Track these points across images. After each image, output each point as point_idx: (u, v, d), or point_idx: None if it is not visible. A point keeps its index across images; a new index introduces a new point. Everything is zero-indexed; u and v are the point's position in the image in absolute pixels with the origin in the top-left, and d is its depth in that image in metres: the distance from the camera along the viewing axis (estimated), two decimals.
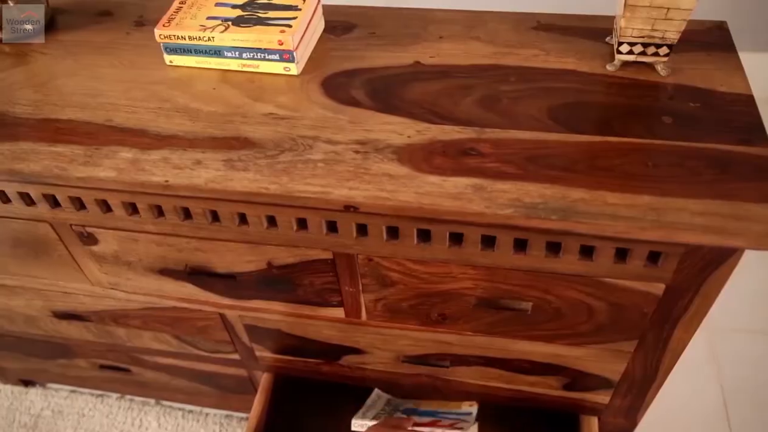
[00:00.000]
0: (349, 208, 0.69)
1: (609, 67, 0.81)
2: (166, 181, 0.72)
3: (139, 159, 0.75)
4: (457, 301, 0.83)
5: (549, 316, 0.81)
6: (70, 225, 0.85)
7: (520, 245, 0.72)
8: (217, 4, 0.87)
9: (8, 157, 0.76)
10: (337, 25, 0.91)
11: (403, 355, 0.96)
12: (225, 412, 1.27)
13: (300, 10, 0.84)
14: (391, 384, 1.03)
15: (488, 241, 0.73)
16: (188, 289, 0.92)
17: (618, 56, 0.80)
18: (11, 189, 0.81)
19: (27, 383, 1.35)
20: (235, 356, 1.06)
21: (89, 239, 0.87)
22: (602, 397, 0.95)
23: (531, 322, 0.83)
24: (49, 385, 1.35)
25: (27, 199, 0.83)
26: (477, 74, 0.82)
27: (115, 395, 1.31)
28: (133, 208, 0.80)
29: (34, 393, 1.32)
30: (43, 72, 0.89)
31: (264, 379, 1.09)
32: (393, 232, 0.75)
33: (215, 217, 0.78)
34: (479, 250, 0.74)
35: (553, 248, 0.72)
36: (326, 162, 0.72)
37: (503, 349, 0.90)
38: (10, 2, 0.94)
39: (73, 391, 1.32)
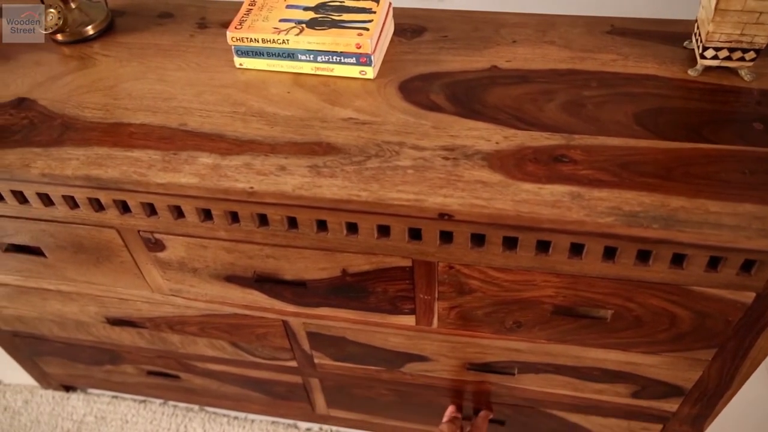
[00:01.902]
0: (444, 216, 0.68)
1: (691, 72, 0.80)
2: (251, 187, 0.70)
3: (220, 165, 0.73)
4: (535, 309, 0.81)
5: (628, 324, 0.80)
6: (138, 231, 0.84)
7: (609, 253, 0.71)
8: (287, 6, 0.85)
9: (84, 163, 0.75)
10: (407, 27, 0.90)
11: (469, 362, 0.94)
12: (271, 419, 1.25)
13: (374, 12, 0.83)
14: (453, 391, 1.02)
15: (576, 249, 0.72)
16: (253, 297, 0.90)
17: (701, 61, 0.78)
18: (81, 195, 0.80)
19: (68, 388, 1.33)
20: (293, 363, 1.04)
21: (156, 245, 0.85)
22: (670, 405, 0.94)
23: (608, 329, 0.82)
24: (90, 390, 1.33)
25: (96, 205, 0.81)
26: (556, 79, 0.81)
27: (158, 401, 1.29)
28: (206, 215, 0.79)
29: (75, 398, 1.30)
30: (109, 75, 0.87)
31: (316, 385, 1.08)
32: (478, 240, 0.73)
33: (293, 224, 0.77)
34: (566, 258, 0.72)
35: (644, 256, 0.70)
36: (416, 168, 0.71)
37: (576, 357, 0.89)
38: (72, 4, 0.92)
39: (115, 397, 1.30)
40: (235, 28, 0.83)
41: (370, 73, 0.81)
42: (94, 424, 1.25)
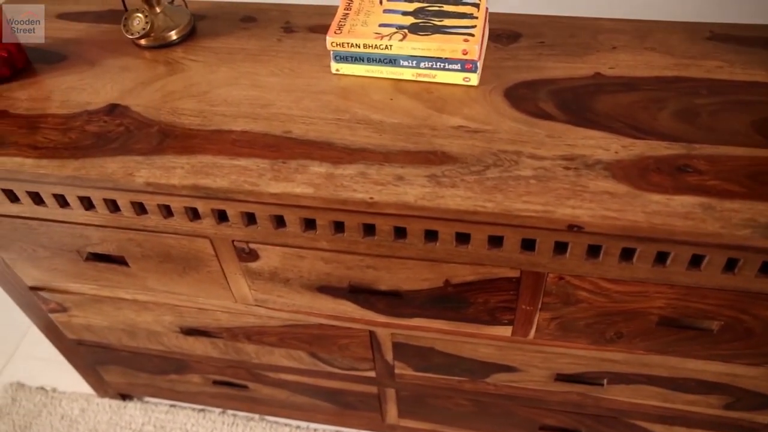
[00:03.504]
0: (573, 227, 0.66)
1: None
2: (371, 198, 0.68)
3: (334, 174, 0.71)
4: (640, 320, 0.80)
5: (737, 335, 0.79)
6: (232, 241, 0.82)
7: (730, 264, 0.70)
8: (385, 11, 0.84)
9: (190, 172, 0.73)
10: (501, 33, 0.88)
11: (558, 373, 0.93)
12: (335, 428, 1.23)
13: (476, 18, 0.81)
14: (534, 401, 1.00)
15: (695, 260, 0.70)
16: (344, 307, 0.88)
17: None
18: (178, 204, 0.78)
19: (124, 397, 1.30)
20: (371, 373, 1.02)
21: (249, 255, 0.83)
22: (764, 417, 0.93)
23: (714, 341, 0.81)
24: (147, 398, 1.31)
25: (191, 214, 0.79)
26: (664, 86, 0.79)
27: (217, 410, 1.27)
28: (308, 225, 0.77)
29: (132, 407, 1.28)
30: (201, 81, 0.85)
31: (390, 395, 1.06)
32: (593, 251, 0.72)
33: (400, 234, 0.75)
34: (684, 270, 0.71)
35: (766, 268, 0.69)
36: (538, 179, 0.69)
37: (673, 368, 0.87)
38: (157, 9, 0.90)
39: (173, 406, 1.28)
40: (335, 32, 0.81)
41: (474, 79, 0.80)
42: None
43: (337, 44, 0.80)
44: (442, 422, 1.13)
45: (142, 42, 0.90)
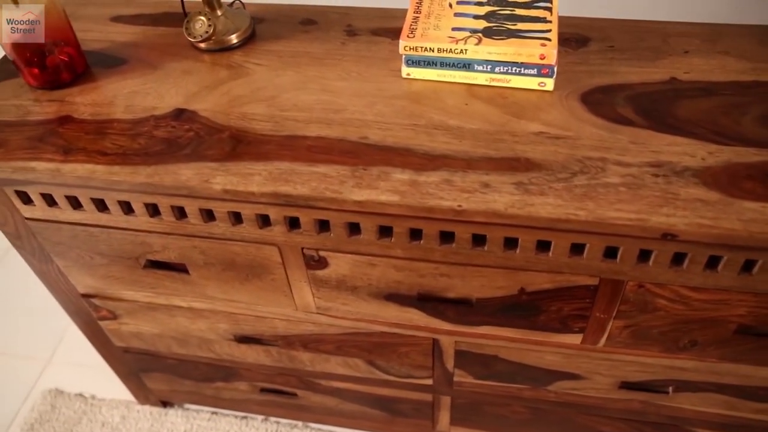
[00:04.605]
0: (667, 236, 0.65)
1: None
2: (459, 206, 0.67)
3: (417, 181, 0.70)
4: (717, 328, 0.79)
5: None
6: (302, 249, 0.80)
7: None
8: (456, 15, 0.82)
9: (268, 179, 0.71)
10: (569, 37, 0.87)
11: (624, 381, 0.92)
12: None
13: (550, 22, 0.80)
14: (595, 408, 0.99)
15: None
16: (411, 315, 0.87)
17: None
18: (249, 211, 0.76)
19: (165, 404, 1.28)
20: (428, 381, 1.01)
21: (318, 263, 0.82)
22: None
23: None
24: (187, 405, 1.29)
25: (261, 221, 0.78)
26: (743, 91, 0.78)
27: (259, 417, 1.25)
28: (383, 232, 0.76)
29: (173, 414, 1.26)
30: (267, 85, 0.83)
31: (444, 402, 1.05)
32: (677, 259, 0.71)
33: (478, 241, 0.74)
34: None
35: None
36: (628, 186, 0.68)
37: (745, 376, 0.86)
38: (218, 12, 0.88)
39: (214, 413, 1.26)
40: (408, 36, 0.79)
41: (550, 84, 0.78)
42: None
43: (410, 48, 0.79)
44: (495, 430, 1.11)
45: (202, 45, 0.89)
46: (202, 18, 0.86)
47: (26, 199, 0.84)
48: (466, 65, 0.79)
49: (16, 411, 1.30)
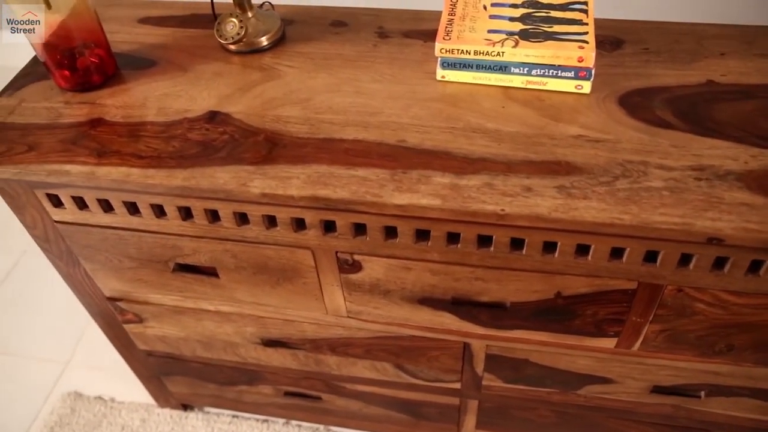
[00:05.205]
0: (713, 240, 0.65)
1: None
2: (502, 210, 0.67)
3: (459, 185, 0.69)
4: (756, 332, 0.78)
5: None
6: (336, 252, 0.80)
7: None
8: (491, 17, 0.82)
9: (307, 182, 0.71)
10: (603, 39, 0.86)
11: (656, 385, 0.91)
12: None
13: (586, 24, 0.80)
14: (624, 412, 0.99)
15: None
16: (443, 319, 0.86)
17: None
18: (284, 214, 0.76)
19: (185, 407, 1.28)
20: (456, 385, 1.00)
21: (352, 267, 0.81)
22: None
23: None
24: (207, 409, 1.28)
25: (296, 225, 0.77)
26: None
27: (281, 421, 1.25)
28: (419, 235, 0.75)
29: (194, 417, 1.25)
30: (301, 87, 0.83)
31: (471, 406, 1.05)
32: (718, 263, 0.70)
33: (516, 245, 0.73)
34: None
35: None
36: (671, 190, 0.67)
37: None
38: (249, 13, 0.88)
39: (235, 416, 1.26)
40: (444, 39, 0.79)
41: (587, 87, 0.78)
42: None
43: (446, 50, 0.78)
44: None
45: (232, 47, 0.88)
46: (234, 20, 0.86)
47: (57, 202, 0.83)
48: (503, 68, 0.79)
49: (35, 414, 1.30)
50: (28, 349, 1.42)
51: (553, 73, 0.78)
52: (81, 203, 0.82)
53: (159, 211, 0.80)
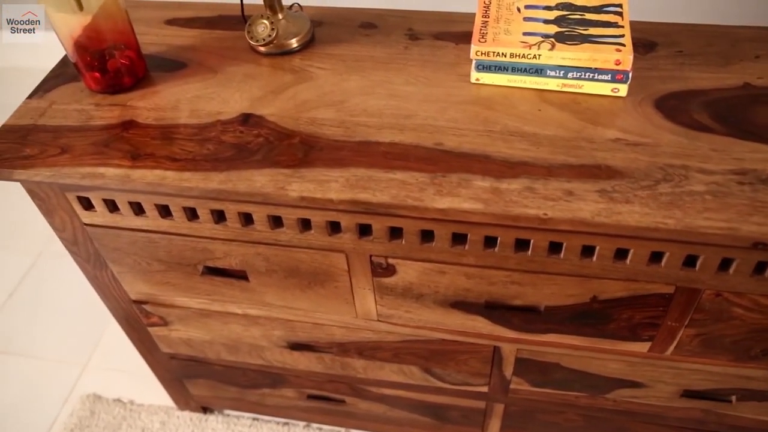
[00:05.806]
0: (758, 245, 0.64)
1: None
2: (545, 214, 0.66)
3: (499, 188, 0.69)
4: None
5: None
6: (370, 256, 0.79)
7: None
8: (525, 19, 0.81)
9: (345, 186, 0.70)
10: (636, 42, 0.85)
11: (686, 389, 0.91)
12: None
13: (622, 27, 0.79)
14: (654, 417, 0.98)
15: None
16: (476, 322, 0.86)
17: None
18: (319, 218, 0.75)
19: (205, 410, 1.27)
20: (483, 389, 1.00)
21: (386, 271, 0.81)
22: None
23: None
24: (227, 412, 1.28)
25: (331, 229, 0.77)
26: None
27: (301, 424, 1.24)
28: (456, 239, 0.74)
29: (214, 420, 1.25)
30: (334, 89, 0.82)
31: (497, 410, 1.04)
32: (759, 267, 0.70)
33: (554, 249, 0.73)
34: None
35: None
36: (714, 194, 0.67)
37: None
38: (279, 15, 0.87)
39: (255, 419, 1.25)
40: (479, 41, 0.78)
41: (624, 90, 0.77)
42: None
43: (482, 53, 0.78)
44: None
45: (262, 49, 0.87)
46: (265, 21, 0.85)
47: (87, 205, 0.83)
48: (538, 70, 0.78)
49: (54, 416, 1.29)
50: (45, 351, 1.41)
51: (589, 76, 0.77)
52: (112, 206, 0.82)
53: (191, 213, 0.80)
